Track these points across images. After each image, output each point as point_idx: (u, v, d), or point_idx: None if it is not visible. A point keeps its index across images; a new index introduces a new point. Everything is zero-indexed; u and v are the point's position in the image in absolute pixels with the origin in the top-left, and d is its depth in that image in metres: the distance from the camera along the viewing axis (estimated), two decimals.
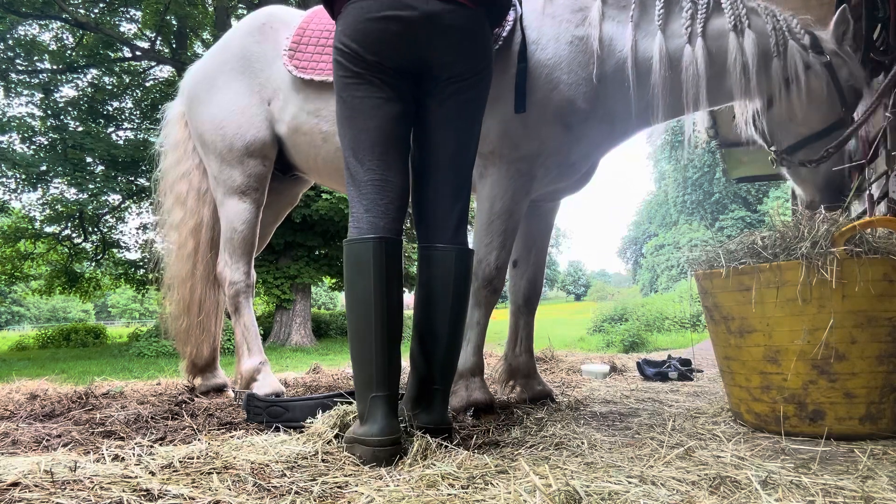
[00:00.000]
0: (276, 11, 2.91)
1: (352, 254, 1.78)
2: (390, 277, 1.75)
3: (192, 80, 3.08)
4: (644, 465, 1.60)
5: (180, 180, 3.12)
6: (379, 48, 1.78)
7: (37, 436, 2.09)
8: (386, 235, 1.78)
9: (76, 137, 14.56)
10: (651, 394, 3.08)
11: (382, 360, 1.71)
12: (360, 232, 1.79)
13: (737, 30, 2.20)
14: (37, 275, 18.52)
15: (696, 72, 2.17)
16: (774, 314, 2.01)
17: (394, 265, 1.77)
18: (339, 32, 1.84)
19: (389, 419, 1.68)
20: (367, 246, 1.75)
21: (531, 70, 2.25)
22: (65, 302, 56.73)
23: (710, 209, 48.47)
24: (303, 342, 15.43)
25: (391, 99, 1.83)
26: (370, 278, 1.73)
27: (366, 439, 1.65)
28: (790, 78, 2.21)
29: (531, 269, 2.79)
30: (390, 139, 1.83)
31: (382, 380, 1.71)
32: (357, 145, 1.84)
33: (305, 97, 2.62)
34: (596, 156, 2.56)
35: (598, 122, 2.34)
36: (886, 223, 1.98)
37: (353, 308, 1.77)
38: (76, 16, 14.87)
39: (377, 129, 1.82)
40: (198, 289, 3.06)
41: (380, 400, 1.69)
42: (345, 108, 1.86)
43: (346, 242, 1.80)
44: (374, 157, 1.82)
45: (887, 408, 1.96)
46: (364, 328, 1.74)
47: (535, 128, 2.26)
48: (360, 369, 1.75)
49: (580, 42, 2.28)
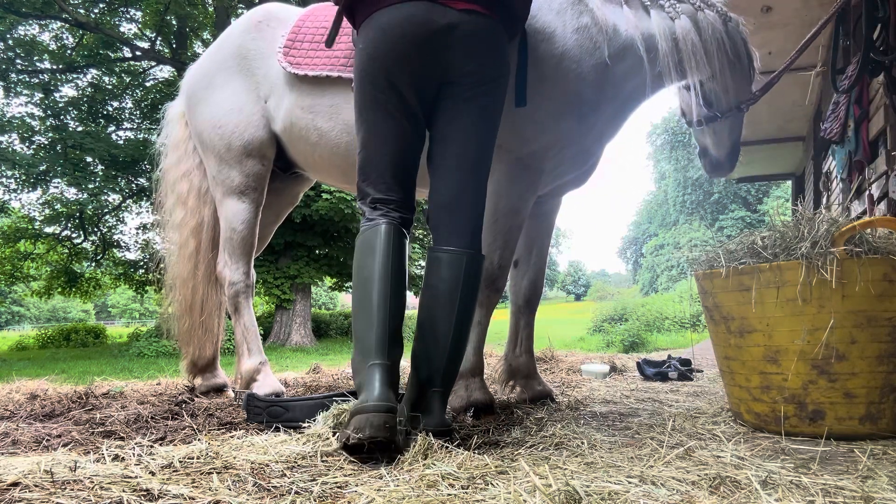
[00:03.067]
0: (273, 9, 2.90)
1: (361, 239, 1.87)
2: (395, 255, 1.82)
3: (190, 79, 3.07)
4: (644, 465, 1.60)
5: (181, 180, 3.12)
6: (400, 71, 1.85)
7: (37, 436, 2.09)
8: (395, 223, 1.87)
9: (76, 137, 14.55)
10: (651, 394, 3.08)
11: (382, 329, 1.74)
12: (371, 224, 1.88)
13: (700, 9, 2.42)
14: (37, 275, 18.51)
15: (694, 40, 2.37)
16: (774, 314, 2.01)
17: (399, 248, 1.84)
18: (361, 51, 1.90)
19: (385, 388, 1.66)
20: (376, 229, 1.84)
21: (539, 63, 2.25)
22: (65, 302, 56.68)
23: (710, 209, 48.46)
24: (303, 342, 15.43)
25: (408, 126, 1.91)
26: (375, 255, 1.81)
27: (361, 406, 1.62)
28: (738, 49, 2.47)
29: (532, 269, 2.78)
30: (401, 164, 1.92)
31: (382, 348, 1.72)
32: (370, 168, 1.93)
33: (300, 93, 2.60)
34: (607, 136, 2.59)
35: (607, 104, 2.40)
36: (886, 223, 1.98)
37: (359, 281, 1.84)
38: (76, 16, 14.86)
39: (392, 154, 1.91)
40: (199, 289, 3.05)
41: (377, 368, 1.69)
42: (361, 128, 1.95)
43: (360, 233, 1.90)
44: (384, 179, 1.91)
45: (887, 408, 1.96)
46: (366, 299, 1.78)
47: (547, 120, 2.27)
48: (361, 338, 1.78)
49: (585, 30, 2.32)
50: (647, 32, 2.36)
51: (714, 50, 2.38)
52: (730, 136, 2.68)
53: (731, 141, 2.70)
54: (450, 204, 1.94)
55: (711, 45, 2.37)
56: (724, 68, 2.43)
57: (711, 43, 2.37)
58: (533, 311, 2.82)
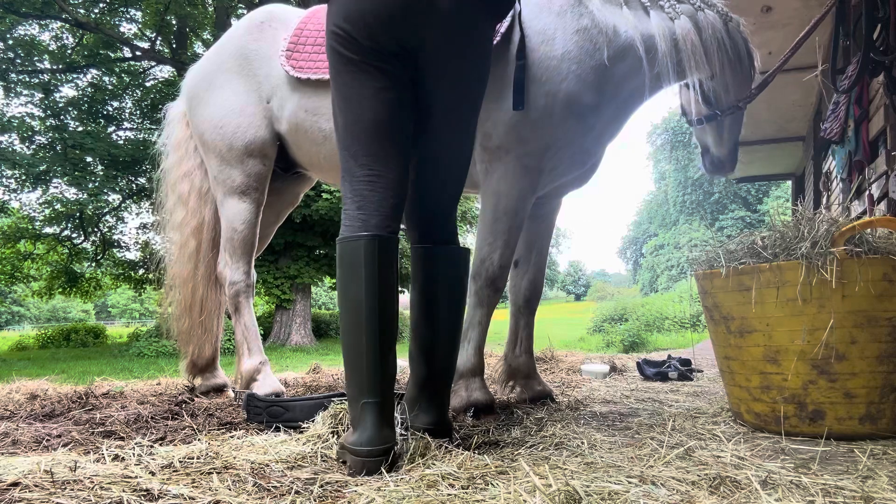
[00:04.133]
0: (275, 10, 2.92)
1: (343, 253, 1.68)
2: (384, 279, 1.64)
3: (192, 80, 3.08)
4: (644, 465, 1.60)
5: (182, 180, 3.12)
6: (373, 30, 1.68)
7: (37, 436, 2.09)
8: (379, 233, 1.66)
9: (76, 137, 14.55)
10: (651, 394, 3.08)
11: (374, 366, 1.61)
12: (351, 230, 1.69)
13: (700, 9, 2.41)
14: (37, 275, 18.51)
15: (693, 40, 2.37)
16: (774, 314, 2.01)
17: (388, 266, 1.65)
18: (333, 14, 1.75)
19: (380, 427, 1.58)
20: (358, 245, 1.64)
21: (539, 64, 2.26)
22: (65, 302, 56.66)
23: (710, 209, 48.43)
24: (303, 342, 15.43)
25: (387, 87, 1.72)
26: (362, 280, 1.62)
27: (355, 448, 1.57)
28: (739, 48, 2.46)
29: (532, 269, 2.79)
30: (385, 131, 1.73)
31: (373, 386, 1.61)
32: (349, 138, 1.75)
33: (303, 96, 2.63)
34: (607, 136, 2.58)
35: (606, 105, 2.40)
36: (886, 223, 1.98)
37: (345, 311, 1.66)
38: (76, 16, 14.86)
39: (371, 121, 1.72)
40: (200, 289, 3.06)
41: (370, 407, 1.60)
42: (338, 98, 1.77)
43: (338, 241, 1.70)
44: (367, 150, 1.72)
45: (887, 408, 1.96)
46: (355, 332, 1.64)
47: (547, 121, 2.27)
48: (352, 374, 1.65)
49: (585, 32, 2.32)
50: (647, 33, 2.35)
51: (714, 50, 2.38)
52: (730, 135, 2.70)
53: (731, 139, 2.71)
54: (428, 194, 1.89)
55: (711, 45, 2.37)
56: (724, 68, 2.43)
57: (711, 43, 2.37)
58: (533, 311, 2.82)
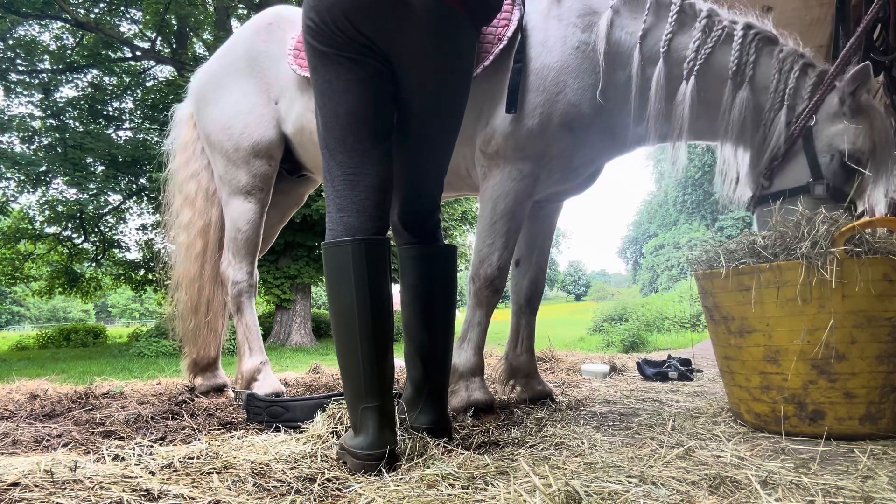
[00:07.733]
0: (283, 11, 2.92)
1: (329, 259, 1.63)
2: (373, 282, 1.59)
3: (199, 81, 3.10)
4: (644, 465, 1.60)
5: (189, 181, 3.13)
6: (341, 20, 1.61)
7: (37, 436, 2.09)
8: (365, 236, 1.62)
9: (76, 137, 14.56)
10: (651, 394, 3.08)
11: (371, 371, 1.58)
12: (334, 234, 1.64)
13: (735, 80, 2.18)
14: (37, 276, 18.52)
15: (683, 113, 2.19)
16: (774, 314, 2.01)
17: (376, 268, 1.60)
18: (305, 5, 1.68)
19: (381, 431, 1.57)
20: (343, 250, 1.59)
21: (537, 71, 2.23)
22: (65, 302, 56.72)
23: (710, 209, 48.42)
24: (303, 342, 15.42)
25: (361, 80, 1.64)
26: (351, 285, 1.57)
27: (356, 452, 1.56)
28: (767, 143, 2.22)
29: (533, 268, 2.79)
30: (362, 126, 1.65)
31: (371, 390, 1.58)
32: (326, 134, 1.67)
33: (310, 96, 2.63)
34: (599, 161, 2.55)
35: (600, 129, 2.33)
36: (886, 223, 1.98)
37: (337, 317, 1.62)
38: (76, 16, 14.87)
39: (346, 115, 1.64)
40: (206, 289, 3.07)
41: (370, 411, 1.58)
42: (316, 95, 1.70)
43: (323, 246, 1.65)
44: (345, 147, 1.65)
45: (887, 408, 1.96)
46: (348, 339, 1.60)
47: (541, 130, 2.25)
48: (349, 380, 1.63)
49: (587, 47, 2.25)
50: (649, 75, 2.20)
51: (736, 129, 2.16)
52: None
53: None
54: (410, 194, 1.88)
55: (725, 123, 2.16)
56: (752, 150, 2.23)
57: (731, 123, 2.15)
58: (534, 310, 2.83)
